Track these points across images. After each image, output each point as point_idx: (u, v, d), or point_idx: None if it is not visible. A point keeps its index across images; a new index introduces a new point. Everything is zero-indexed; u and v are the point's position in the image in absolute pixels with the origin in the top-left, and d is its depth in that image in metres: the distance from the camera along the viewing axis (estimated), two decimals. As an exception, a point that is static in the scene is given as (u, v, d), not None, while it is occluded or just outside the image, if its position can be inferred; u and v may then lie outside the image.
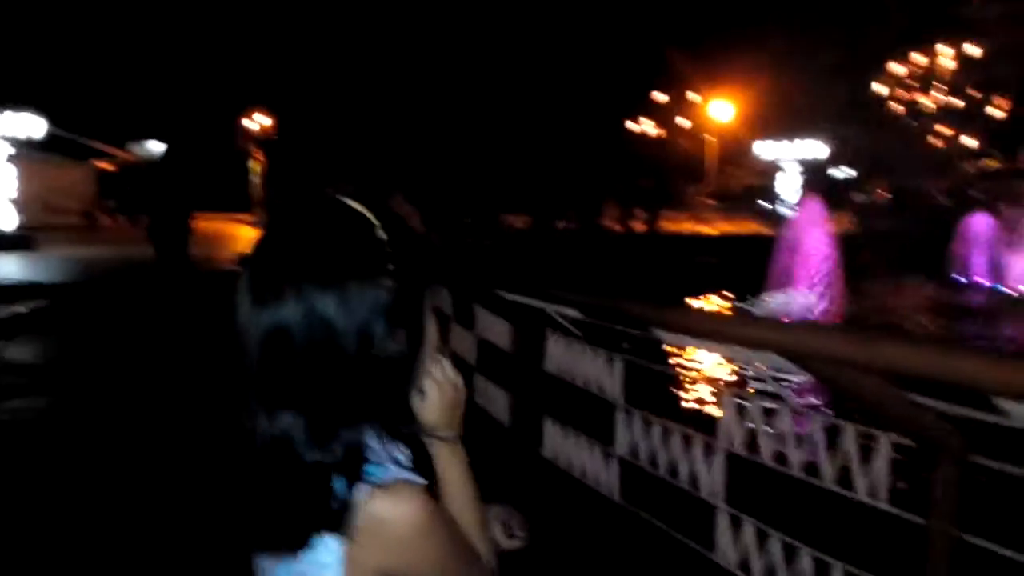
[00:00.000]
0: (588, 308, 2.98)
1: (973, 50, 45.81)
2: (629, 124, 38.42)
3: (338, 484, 1.03)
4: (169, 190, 13.79)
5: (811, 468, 2.26)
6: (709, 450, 2.59)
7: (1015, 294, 14.55)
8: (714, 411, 2.71)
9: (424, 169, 26.69)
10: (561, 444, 3.24)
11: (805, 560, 2.32)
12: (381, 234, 1.10)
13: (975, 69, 46.98)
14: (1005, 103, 47.82)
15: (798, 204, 23.15)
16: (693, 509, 2.63)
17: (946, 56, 46.76)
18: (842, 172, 46.40)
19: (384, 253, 1.09)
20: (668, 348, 6.49)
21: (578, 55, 30.27)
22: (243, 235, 27.49)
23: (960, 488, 2.05)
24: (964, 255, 19.39)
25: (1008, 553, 1.96)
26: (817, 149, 41.18)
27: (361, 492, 1.03)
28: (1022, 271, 15.44)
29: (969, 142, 48.45)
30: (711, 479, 2.57)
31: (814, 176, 40.36)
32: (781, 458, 2.43)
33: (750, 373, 7.58)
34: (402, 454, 1.11)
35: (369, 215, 1.11)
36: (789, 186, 39.12)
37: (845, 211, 32.98)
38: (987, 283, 17.75)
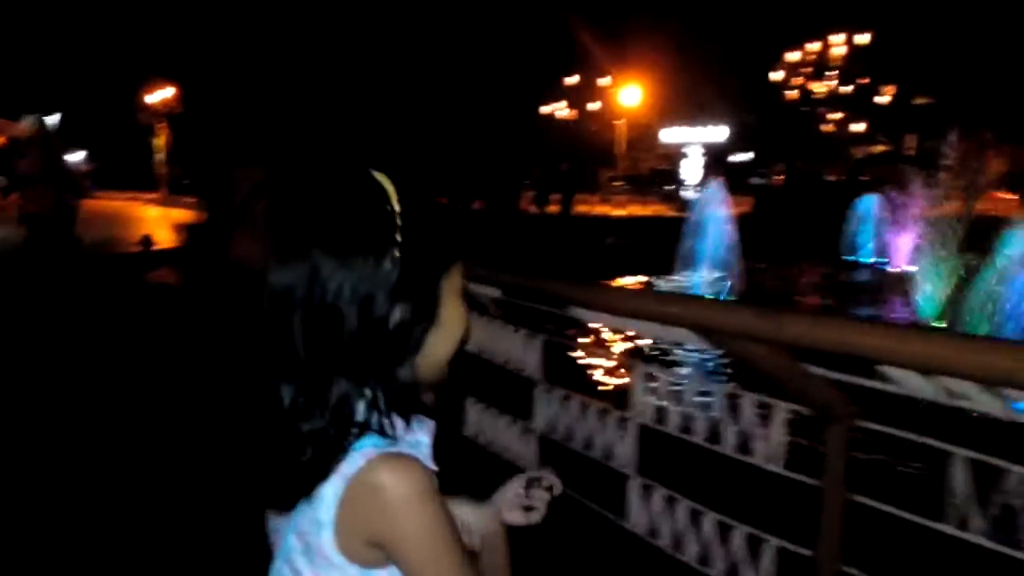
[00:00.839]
0: (509, 288, 3.05)
1: (862, 38, 47.78)
2: (544, 108, 38.59)
3: (330, 447, 1.06)
4: (47, 166, 12.29)
5: (715, 437, 2.38)
6: (622, 423, 2.69)
7: (899, 271, 15.29)
8: (627, 385, 2.79)
9: (336, 148, 26.21)
10: (482, 422, 3.31)
11: (708, 524, 2.44)
12: (395, 206, 1.11)
13: (864, 57, 48.95)
14: (891, 90, 50.03)
15: (701, 187, 23.73)
16: (607, 479, 2.72)
17: (837, 45, 48.62)
18: (743, 156, 47.78)
19: (393, 225, 1.10)
20: (589, 326, 6.61)
21: (491, 38, 30.17)
22: (146, 216, 26.33)
23: (849, 451, 2.19)
24: (853, 235, 20.29)
25: (893, 511, 2.09)
26: (719, 134, 42.25)
27: (359, 460, 1.05)
28: (906, 249, 16.21)
29: (858, 127, 50.57)
30: (624, 450, 2.67)
31: (716, 160, 41.42)
32: (688, 428, 2.49)
33: (662, 348, 7.77)
34: (406, 430, 1.12)
35: (388, 187, 1.12)
36: (693, 170, 40.04)
37: (745, 194, 33.91)
38: (875, 262, 18.61)
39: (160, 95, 37.27)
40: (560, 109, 40.21)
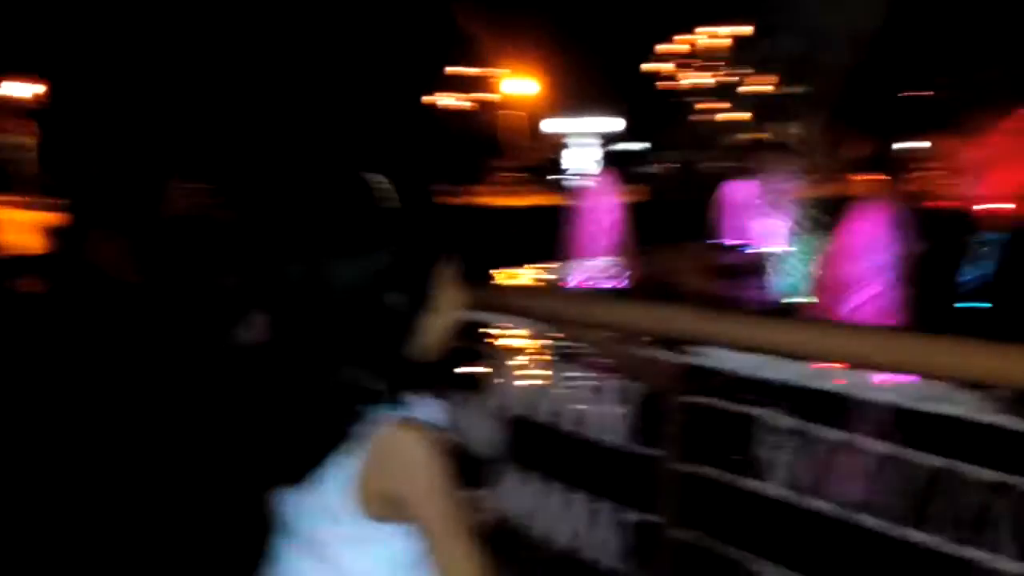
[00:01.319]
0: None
1: (744, 29, 49.35)
2: (432, 98, 38.34)
3: (344, 420, 1.22)
4: None
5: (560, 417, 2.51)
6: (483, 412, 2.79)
7: (767, 252, 15.94)
8: (496, 376, 2.89)
9: (212, 142, 25.36)
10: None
11: (578, 505, 2.57)
12: (390, 206, 1.27)
13: (747, 47, 50.59)
14: (770, 79, 51.90)
15: (593, 176, 24.13)
16: (467, 464, 2.77)
17: (722, 36, 50.07)
18: (634, 146, 48.76)
19: (391, 223, 1.26)
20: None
21: (372, 28, 29.75)
22: (8, 220, 24.62)
23: (686, 424, 2.37)
24: (726, 220, 21.02)
25: (725, 477, 2.27)
26: (613, 124, 42.93)
27: (375, 429, 1.22)
28: (774, 233, 16.90)
29: (740, 116, 52.30)
30: (482, 436, 2.77)
31: (607, 149, 42.09)
32: (556, 415, 2.61)
33: (528, 339, 7.90)
34: (415, 401, 1.29)
35: (385, 188, 1.28)
36: (583, 159, 40.60)
37: (636, 182, 34.55)
38: (746, 244, 19.33)
39: (28, 89, 35.09)
40: (445, 99, 40.01)
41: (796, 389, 2.01)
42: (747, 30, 48.79)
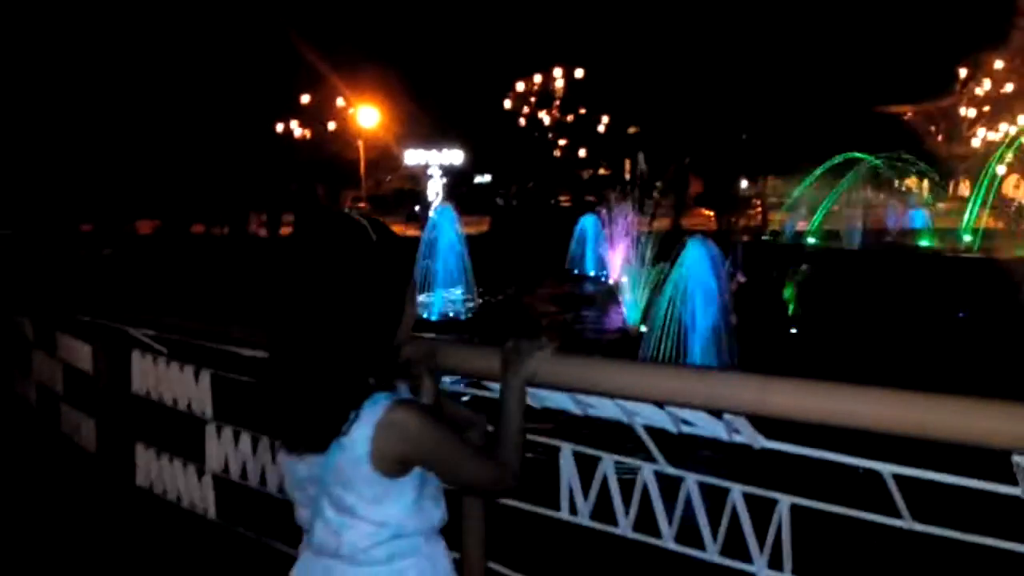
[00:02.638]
0: (175, 328, 2.80)
1: (578, 72, 51.25)
2: (279, 127, 37.35)
3: (353, 401, 1.54)
4: None
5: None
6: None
7: (615, 283, 16.36)
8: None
9: (33, 171, 23.62)
10: (154, 469, 3.00)
11: None
12: (372, 239, 1.57)
13: (583, 89, 52.49)
14: (607, 119, 53.99)
15: (439, 208, 24.07)
16: (285, 514, 2.58)
17: (559, 77, 51.79)
18: (481, 178, 49.28)
19: (370, 256, 1.56)
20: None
21: (219, 54, 28.73)
22: None
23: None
24: (577, 252, 21.54)
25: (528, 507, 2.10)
26: (456, 157, 43.21)
27: (379, 408, 1.54)
28: (619, 262, 17.39)
29: (582, 152, 54.06)
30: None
31: (455, 181, 42.36)
32: None
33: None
34: (406, 389, 1.71)
35: (366, 225, 1.58)
36: (435, 191, 40.65)
37: (483, 214, 34.88)
38: (595, 275, 19.83)
39: None
40: (297, 128, 39.13)
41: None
42: (581, 73, 50.81)
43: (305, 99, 37.86)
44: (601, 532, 2.04)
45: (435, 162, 41.45)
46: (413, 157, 41.98)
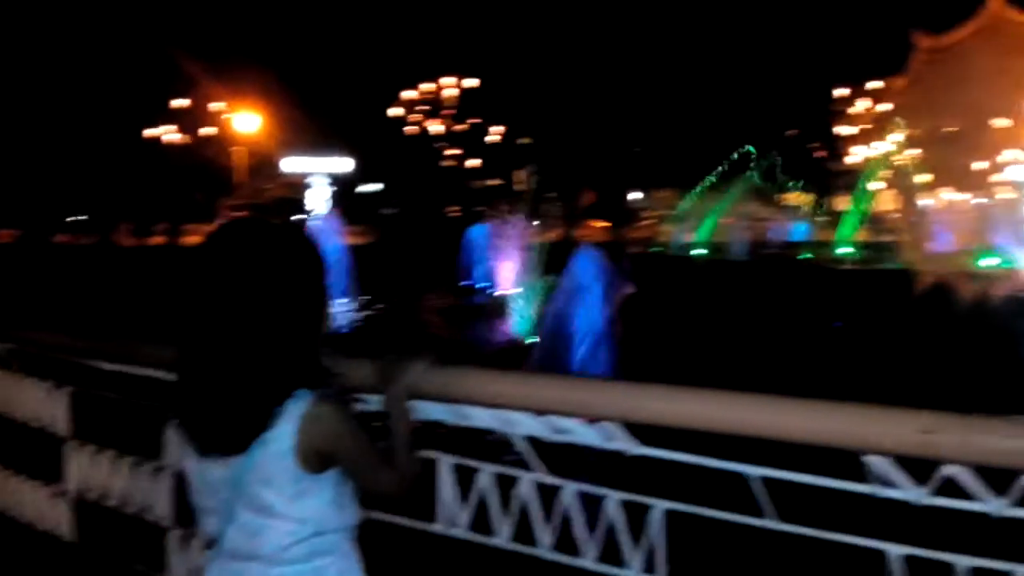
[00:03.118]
0: (27, 342, 2.68)
1: (471, 82, 51.63)
2: (149, 132, 36.01)
3: (278, 397, 1.58)
4: None
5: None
6: (158, 473, 2.49)
7: (504, 294, 16.47)
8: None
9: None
10: (7, 490, 2.85)
11: None
12: (286, 247, 1.64)
13: (474, 99, 52.84)
14: (500, 130, 54.52)
15: (322, 216, 23.65)
16: (147, 535, 2.51)
17: (449, 87, 52.01)
18: (369, 187, 48.80)
19: (285, 262, 1.62)
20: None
21: (83, 58, 27.51)
22: None
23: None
24: (467, 263, 21.56)
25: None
26: (344, 165, 42.66)
27: (303, 404, 1.59)
28: (509, 275, 17.51)
29: (473, 163, 54.35)
30: (160, 502, 2.48)
31: (341, 190, 41.77)
32: None
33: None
34: (331, 388, 1.68)
35: (282, 232, 1.66)
36: (318, 199, 39.96)
37: (371, 224, 34.54)
38: (485, 286, 19.90)
39: None
40: (170, 134, 37.78)
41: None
42: (475, 82, 51.10)
43: (179, 103, 36.64)
44: (480, 544, 2.07)
45: (319, 170, 40.78)
46: (296, 165, 41.18)
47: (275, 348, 1.59)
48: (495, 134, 52.96)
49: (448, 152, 53.53)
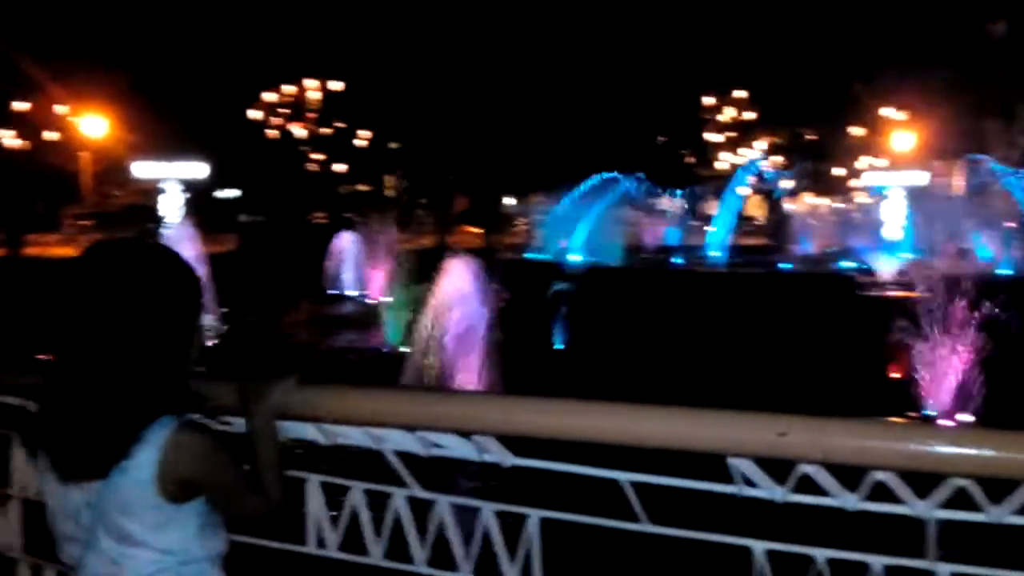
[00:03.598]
0: None
1: (337, 85, 50.92)
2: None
3: (140, 422, 1.56)
4: None
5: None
6: (3, 499, 2.39)
7: (375, 303, 16.36)
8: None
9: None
10: None
11: None
12: (159, 271, 1.64)
13: (340, 102, 52.13)
14: (368, 134, 53.97)
15: (177, 224, 22.80)
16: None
17: (313, 89, 51.16)
18: (227, 193, 47.32)
19: (157, 286, 1.62)
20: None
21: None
22: None
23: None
24: (335, 271, 21.29)
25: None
26: (199, 170, 41.18)
27: (165, 431, 1.57)
28: (380, 283, 17.42)
29: (340, 168, 53.56)
30: (7, 529, 2.37)
31: (196, 196, 40.32)
32: None
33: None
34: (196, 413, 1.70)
35: (159, 257, 1.67)
36: (172, 206, 38.42)
37: (230, 231, 33.53)
38: (355, 294, 19.69)
39: None
40: (9, 139, 35.62)
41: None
42: (340, 86, 50.45)
43: (20, 107, 34.65)
44: (353, 563, 2.07)
45: (172, 175, 39.21)
46: (147, 170, 39.49)
47: (140, 373, 1.59)
48: (363, 138, 52.43)
49: (313, 157, 52.62)
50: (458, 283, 9.06)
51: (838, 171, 48.40)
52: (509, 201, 50.09)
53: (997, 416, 7.19)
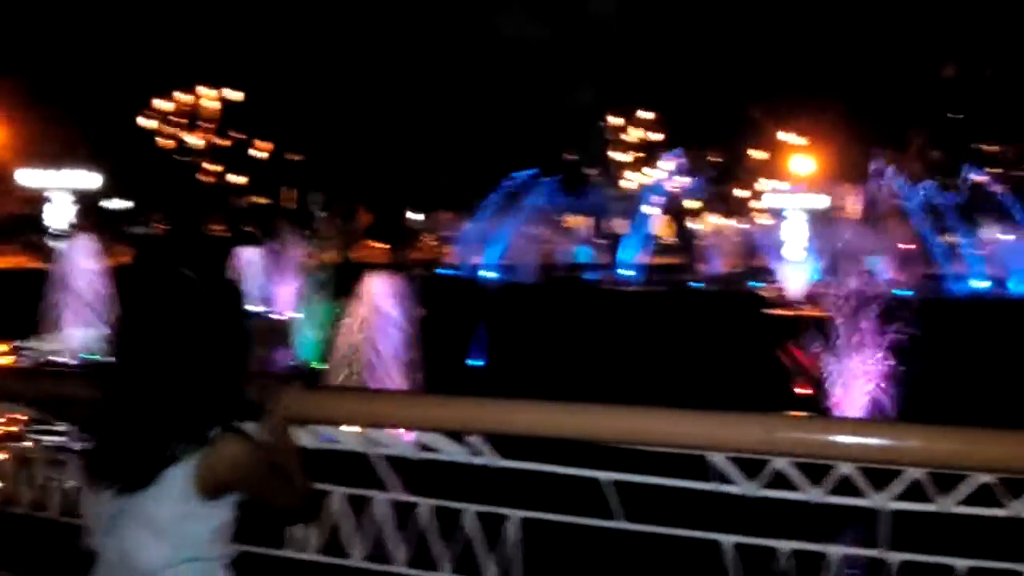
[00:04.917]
0: None
1: (235, 94, 49.76)
2: None
3: (193, 435, 1.70)
4: None
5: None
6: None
7: (281, 318, 16.14)
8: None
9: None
10: None
11: None
12: (202, 294, 1.77)
13: (238, 112, 50.97)
14: (267, 146, 52.90)
15: (69, 237, 21.96)
16: None
17: (210, 98, 49.86)
18: (117, 204, 45.62)
19: (203, 309, 1.76)
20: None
21: None
22: None
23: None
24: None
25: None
26: (89, 179, 39.66)
27: (211, 435, 1.71)
28: (287, 297, 17.19)
29: (237, 179, 52.29)
30: None
31: (86, 208, 38.82)
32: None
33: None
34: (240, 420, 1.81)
35: (196, 280, 1.77)
36: (60, 217, 36.87)
37: (122, 244, 32.38)
38: (260, 310, 19.31)
39: None
40: None
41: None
42: (239, 95, 49.41)
43: None
44: (331, 564, 2.13)
45: (60, 184, 37.63)
46: (32, 178, 37.81)
47: (193, 386, 1.73)
48: (262, 150, 51.45)
49: (209, 168, 51.34)
50: (377, 299, 9.07)
51: (742, 193, 50.03)
52: (414, 216, 49.93)
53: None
